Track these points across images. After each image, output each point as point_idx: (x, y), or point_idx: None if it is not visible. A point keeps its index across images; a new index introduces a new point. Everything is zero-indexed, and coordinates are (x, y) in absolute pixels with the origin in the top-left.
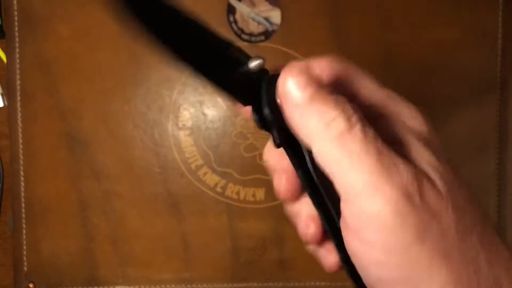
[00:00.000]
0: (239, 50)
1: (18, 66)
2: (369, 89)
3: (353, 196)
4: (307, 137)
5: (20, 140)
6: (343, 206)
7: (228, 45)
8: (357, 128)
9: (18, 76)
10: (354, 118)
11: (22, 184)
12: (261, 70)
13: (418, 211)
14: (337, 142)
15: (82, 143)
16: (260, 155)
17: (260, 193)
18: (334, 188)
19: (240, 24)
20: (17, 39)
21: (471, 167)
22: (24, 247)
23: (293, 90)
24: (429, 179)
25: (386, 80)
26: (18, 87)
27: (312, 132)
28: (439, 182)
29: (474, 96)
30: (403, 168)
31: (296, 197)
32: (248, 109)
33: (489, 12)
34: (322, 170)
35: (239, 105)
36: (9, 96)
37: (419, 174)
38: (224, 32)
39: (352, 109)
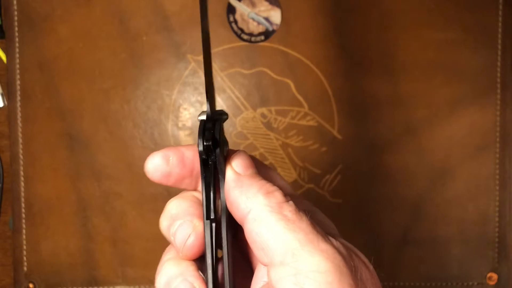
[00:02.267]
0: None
1: (18, 66)
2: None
3: (290, 257)
4: (244, 207)
5: (20, 140)
6: (274, 273)
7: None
8: (292, 203)
9: (18, 76)
10: (288, 197)
11: (22, 184)
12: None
13: (352, 271)
14: (275, 209)
15: (82, 143)
16: (260, 155)
17: None
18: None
19: (240, 24)
20: (17, 39)
21: (471, 167)
22: (24, 247)
23: (238, 167)
24: (355, 249)
25: (386, 80)
26: (18, 87)
27: (250, 201)
28: (367, 263)
29: (474, 96)
30: (332, 239)
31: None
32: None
33: (489, 11)
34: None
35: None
36: (9, 96)
37: (348, 246)
38: (224, 32)
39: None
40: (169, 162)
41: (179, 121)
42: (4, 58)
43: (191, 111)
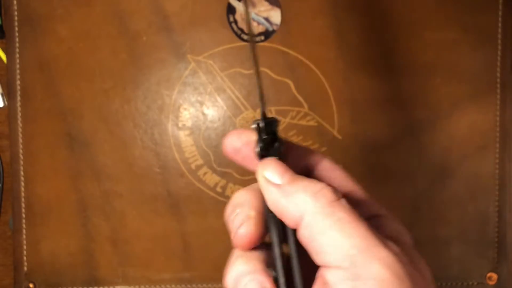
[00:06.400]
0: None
1: (18, 66)
2: (341, 182)
3: (348, 263)
4: (295, 213)
5: (20, 140)
6: (331, 275)
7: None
8: (344, 200)
9: (18, 76)
10: (339, 192)
11: (22, 184)
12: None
13: (413, 281)
14: (327, 210)
15: (82, 143)
16: None
17: None
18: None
19: (240, 24)
20: (17, 39)
21: (471, 167)
22: (24, 247)
23: (271, 177)
24: (418, 257)
25: (386, 80)
26: (18, 87)
27: (300, 206)
28: (425, 272)
29: (474, 96)
30: (393, 244)
31: (254, 245)
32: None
33: (489, 12)
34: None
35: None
36: (9, 96)
37: (410, 253)
38: (224, 32)
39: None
40: (241, 140)
41: (179, 121)
42: (4, 58)
43: (191, 111)
